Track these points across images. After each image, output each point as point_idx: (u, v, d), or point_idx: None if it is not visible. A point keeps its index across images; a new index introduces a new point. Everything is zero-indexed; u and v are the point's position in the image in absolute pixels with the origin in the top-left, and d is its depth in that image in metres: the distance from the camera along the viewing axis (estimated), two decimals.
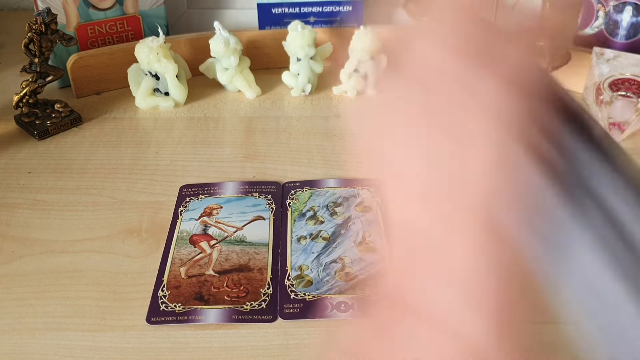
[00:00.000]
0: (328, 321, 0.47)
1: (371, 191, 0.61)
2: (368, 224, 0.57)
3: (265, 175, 0.64)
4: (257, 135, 0.71)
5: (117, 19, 0.80)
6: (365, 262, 0.53)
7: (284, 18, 0.83)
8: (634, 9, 0.78)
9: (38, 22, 0.68)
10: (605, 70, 0.73)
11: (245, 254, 0.54)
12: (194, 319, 0.47)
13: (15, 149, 0.68)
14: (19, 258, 0.54)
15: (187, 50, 0.81)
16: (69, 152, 0.68)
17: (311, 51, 0.76)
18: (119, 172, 0.65)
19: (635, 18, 0.78)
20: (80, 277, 0.52)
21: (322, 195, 0.61)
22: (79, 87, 0.78)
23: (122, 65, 0.77)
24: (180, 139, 0.70)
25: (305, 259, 0.53)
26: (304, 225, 0.57)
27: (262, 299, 0.49)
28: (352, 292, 0.50)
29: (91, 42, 0.79)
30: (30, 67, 0.71)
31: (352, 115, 0.31)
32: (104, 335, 0.46)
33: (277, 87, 0.81)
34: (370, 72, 0.77)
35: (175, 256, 0.54)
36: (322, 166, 0.65)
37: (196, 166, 0.65)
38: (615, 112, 0.68)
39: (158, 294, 0.50)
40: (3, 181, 0.63)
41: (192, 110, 0.76)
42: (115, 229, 0.57)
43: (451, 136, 0.24)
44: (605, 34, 0.81)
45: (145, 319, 0.48)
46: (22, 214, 0.59)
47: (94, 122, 0.73)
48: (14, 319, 0.48)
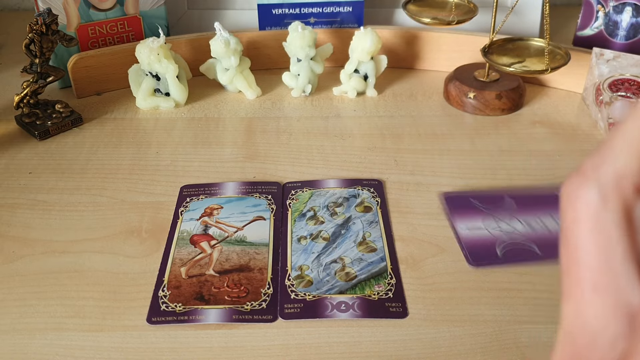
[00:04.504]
0: (328, 321, 0.48)
1: (371, 191, 0.61)
2: (368, 224, 0.57)
3: (265, 176, 0.64)
4: (258, 136, 0.71)
5: (118, 19, 0.80)
6: (366, 262, 0.53)
7: (285, 19, 0.83)
8: (634, 10, 0.78)
9: (39, 23, 0.68)
10: (605, 70, 0.73)
11: (246, 254, 0.54)
12: (194, 319, 0.48)
13: (16, 149, 0.69)
14: (19, 258, 0.54)
15: (188, 50, 0.81)
16: (69, 152, 0.68)
17: (311, 52, 0.76)
18: (119, 172, 0.65)
19: (635, 19, 0.78)
20: (81, 277, 0.52)
21: (322, 195, 0.61)
22: (80, 88, 0.78)
23: (123, 65, 0.78)
24: (180, 139, 0.70)
25: (306, 259, 0.53)
26: (304, 225, 0.57)
27: (262, 299, 0.49)
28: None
29: (92, 43, 0.80)
30: (31, 68, 0.71)
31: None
32: (104, 335, 0.47)
33: (278, 87, 0.81)
34: (370, 72, 0.78)
35: (176, 256, 0.54)
36: (323, 166, 0.65)
37: (197, 166, 0.66)
38: (615, 113, 0.69)
39: (159, 294, 0.50)
40: (4, 181, 0.63)
41: (193, 111, 0.76)
42: (116, 229, 0.57)
43: None
44: (605, 34, 0.81)
45: (145, 319, 0.48)
46: (22, 214, 0.59)
47: (94, 123, 0.73)
48: (14, 319, 0.48)
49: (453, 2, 0.81)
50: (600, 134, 0.70)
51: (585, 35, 0.83)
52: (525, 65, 0.71)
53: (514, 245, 0.54)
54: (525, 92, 0.77)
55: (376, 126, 0.73)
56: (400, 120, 0.74)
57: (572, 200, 0.19)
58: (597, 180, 0.18)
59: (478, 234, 0.56)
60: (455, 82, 0.76)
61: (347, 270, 0.52)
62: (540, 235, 0.55)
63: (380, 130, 0.72)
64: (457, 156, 0.67)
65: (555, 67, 0.69)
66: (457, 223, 0.57)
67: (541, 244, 0.55)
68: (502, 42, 0.76)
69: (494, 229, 0.56)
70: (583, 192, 0.19)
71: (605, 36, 0.81)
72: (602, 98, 0.71)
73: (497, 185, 0.62)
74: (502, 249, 0.54)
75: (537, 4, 0.89)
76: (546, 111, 0.76)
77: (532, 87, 0.80)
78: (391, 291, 0.50)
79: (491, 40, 0.74)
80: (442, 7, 0.82)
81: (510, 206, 0.59)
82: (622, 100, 0.69)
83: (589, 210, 0.19)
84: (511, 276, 0.51)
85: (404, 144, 0.69)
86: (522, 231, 0.56)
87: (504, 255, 0.53)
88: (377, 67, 0.78)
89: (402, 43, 0.84)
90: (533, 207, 0.59)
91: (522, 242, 0.55)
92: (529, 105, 0.77)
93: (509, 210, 0.58)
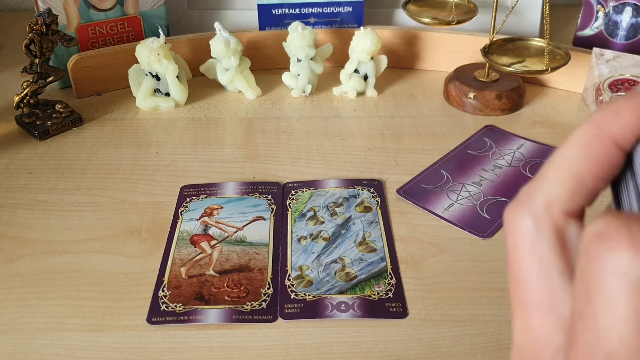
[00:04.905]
0: (328, 321, 0.48)
1: (371, 191, 0.61)
2: (368, 224, 0.57)
3: (265, 176, 0.64)
4: (258, 136, 0.71)
5: (118, 19, 0.80)
6: (366, 262, 0.53)
7: (285, 19, 0.83)
8: (634, 10, 0.78)
9: (39, 23, 0.68)
10: (605, 70, 0.73)
11: (246, 254, 0.54)
12: (194, 319, 0.48)
13: (16, 149, 0.69)
14: (19, 258, 0.54)
15: (188, 50, 0.81)
16: (69, 152, 0.68)
17: (311, 52, 0.76)
18: (119, 172, 0.65)
19: (634, 19, 0.78)
20: (81, 277, 0.52)
21: (322, 195, 0.61)
22: (80, 88, 0.78)
23: (123, 65, 0.78)
24: (180, 139, 0.70)
25: (306, 259, 0.53)
26: (304, 225, 0.57)
27: (262, 299, 0.49)
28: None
29: (92, 43, 0.80)
30: (31, 68, 0.71)
31: None
32: (104, 335, 0.47)
33: (278, 87, 0.81)
34: (370, 72, 0.78)
35: (176, 256, 0.54)
36: (322, 166, 0.65)
37: (197, 166, 0.66)
38: None
39: (159, 294, 0.50)
40: (4, 181, 0.63)
41: (193, 111, 0.76)
42: (116, 229, 0.57)
43: None
44: (605, 34, 0.81)
45: (145, 319, 0.48)
46: (22, 214, 0.59)
47: (94, 123, 0.73)
48: (14, 319, 0.48)
49: (453, 2, 0.81)
50: None
51: (585, 36, 0.83)
52: (525, 66, 0.71)
53: (488, 202, 0.60)
54: (525, 92, 0.77)
55: (376, 126, 0.73)
56: (400, 120, 0.74)
57: (510, 226, 0.21)
58: (529, 208, 0.20)
59: (457, 209, 0.59)
60: (455, 82, 0.76)
61: (347, 270, 0.52)
62: (493, 187, 0.62)
63: (380, 130, 0.72)
64: None
65: (555, 67, 0.69)
66: (434, 209, 0.59)
67: (505, 194, 0.61)
68: (502, 42, 0.76)
69: (462, 199, 0.60)
70: (519, 219, 0.20)
71: (605, 36, 0.81)
72: (602, 98, 0.71)
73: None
74: (484, 211, 0.59)
75: (537, 4, 0.89)
76: (546, 111, 0.76)
77: (532, 87, 0.80)
78: (391, 291, 0.50)
79: (491, 40, 0.74)
80: (442, 7, 0.82)
81: (449, 175, 0.63)
82: None
83: (525, 235, 0.20)
84: None
85: (404, 144, 0.69)
86: (478, 190, 0.61)
87: (490, 215, 0.58)
88: (377, 67, 0.78)
89: (402, 43, 0.84)
90: (463, 169, 0.65)
91: (489, 197, 0.60)
92: (529, 105, 0.77)
93: (450, 179, 0.63)
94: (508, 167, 0.65)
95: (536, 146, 0.68)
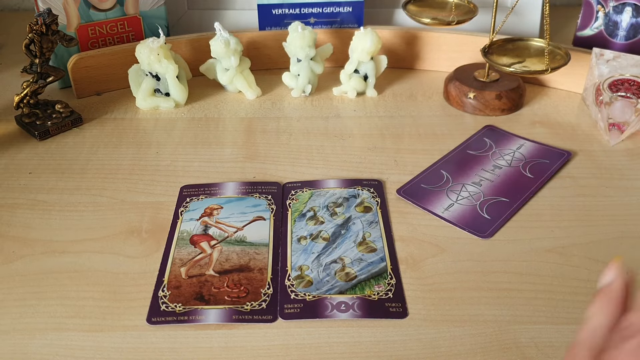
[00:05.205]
0: (328, 321, 0.48)
1: (371, 191, 0.61)
2: (368, 224, 0.57)
3: (265, 176, 0.64)
4: (258, 136, 0.71)
5: (118, 19, 0.80)
6: (366, 262, 0.53)
7: (284, 19, 0.83)
8: (634, 10, 0.78)
9: (39, 23, 0.68)
10: (605, 70, 0.73)
11: (246, 254, 0.54)
12: (194, 319, 0.48)
13: (16, 149, 0.69)
14: (19, 258, 0.54)
15: (188, 50, 0.81)
16: (69, 152, 0.68)
17: (311, 52, 0.76)
18: (119, 172, 0.65)
19: (634, 19, 0.78)
20: (81, 278, 0.52)
21: (322, 195, 0.61)
22: (80, 88, 0.78)
23: (123, 65, 0.78)
24: (180, 139, 0.70)
25: (306, 259, 0.53)
26: (304, 225, 0.57)
27: (262, 299, 0.49)
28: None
29: (92, 43, 0.80)
30: (31, 68, 0.71)
31: None
32: (104, 335, 0.47)
33: (278, 87, 0.81)
34: (370, 72, 0.78)
35: (176, 256, 0.54)
36: (322, 166, 0.65)
37: (196, 167, 0.66)
38: (615, 113, 0.69)
39: (158, 294, 0.50)
40: (4, 181, 0.63)
41: (193, 111, 0.76)
42: (116, 229, 0.57)
43: None
44: (605, 34, 0.81)
45: (145, 319, 0.48)
46: (22, 214, 0.59)
47: (94, 123, 0.74)
48: (14, 319, 0.48)
49: (453, 2, 0.81)
50: (600, 134, 0.70)
51: (585, 36, 0.83)
52: (525, 66, 0.71)
53: (488, 202, 0.60)
54: (525, 92, 0.77)
55: (376, 126, 0.73)
56: (400, 120, 0.74)
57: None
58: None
59: (457, 209, 0.59)
60: (455, 82, 0.76)
61: (347, 270, 0.52)
62: (492, 187, 0.62)
63: (380, 130, 0.72)
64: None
65: (555, 67, 0.69)
66: (434, 210, 0.59)
67: (505, 194, 0.61)
68: (502, 42, 0.76)
69: (462, 199, 0.60)
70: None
71: (605, 36, 0.81)
72: (602, 98, 0.71)
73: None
74: (484, 211, 0.58)
75: (537, 4, 0.89)
76: (546, 111, 0.76)
77: (532, 87, 0.80)
78: (391, 291, 0.50)
79: (491, 40, 0.75)
80: (442, 7, 0.82)
81: (449, 175, 0.63)
82: (622, 101, 0.69)
83: None
84: (511, 276, 0.51)
85: (404, 144, 0.69)
86: (478, 190, 0.61)
87: (490, 215, 0.58)
88: (377, 67, 0.78)
89: (402, 43, 0.84)
90: (463, 169, 0.64)
91: (489, 198, 0.60)
92: (529, 105, 0.77)
93: (450, 179, 0.63)
94: (508, 167, 0.65)
95: (536, 146, 0.68)
